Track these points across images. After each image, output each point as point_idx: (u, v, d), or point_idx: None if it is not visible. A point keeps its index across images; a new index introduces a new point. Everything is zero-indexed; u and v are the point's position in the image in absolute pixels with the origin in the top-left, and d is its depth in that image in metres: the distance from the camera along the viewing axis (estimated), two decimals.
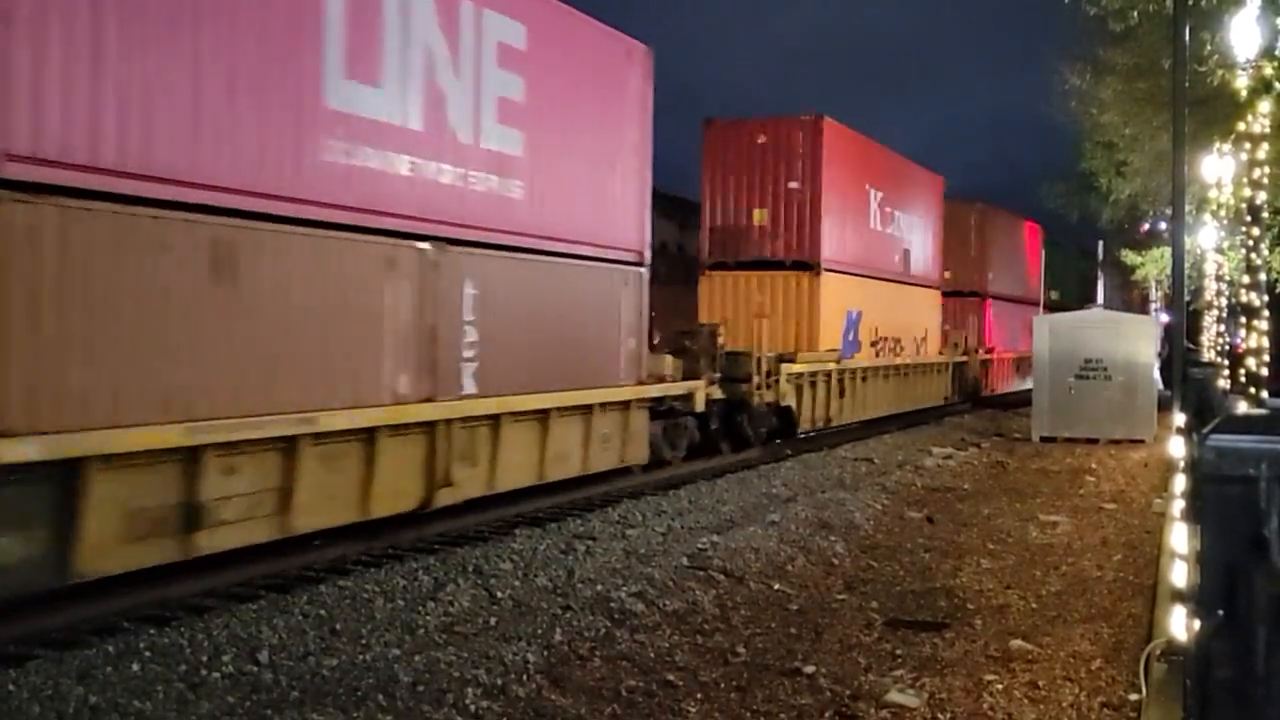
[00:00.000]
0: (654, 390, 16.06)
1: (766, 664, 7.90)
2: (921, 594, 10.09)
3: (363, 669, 7.59)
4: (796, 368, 21.01)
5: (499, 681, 7.31)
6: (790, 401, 20.94)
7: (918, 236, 29.05)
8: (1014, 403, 33.16)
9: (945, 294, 32.23)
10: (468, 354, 12.25)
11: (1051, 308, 43.54)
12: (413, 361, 11.43)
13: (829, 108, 24.86)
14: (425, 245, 11.60)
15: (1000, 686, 7.46)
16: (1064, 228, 46.29)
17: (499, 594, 9.70)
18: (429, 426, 11.72)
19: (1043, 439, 23.47)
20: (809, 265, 22.46)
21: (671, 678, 7.54)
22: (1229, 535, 3.28)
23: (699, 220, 23.64)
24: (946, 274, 32.67)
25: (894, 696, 7.19)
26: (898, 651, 8.26)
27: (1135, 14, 21.52)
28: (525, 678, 7.42)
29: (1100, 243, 59.22)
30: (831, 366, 22.77)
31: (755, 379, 19.38)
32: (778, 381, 20.18)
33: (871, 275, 25.47)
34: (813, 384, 22.18)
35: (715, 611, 9.31)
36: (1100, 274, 63.33)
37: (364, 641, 8.26)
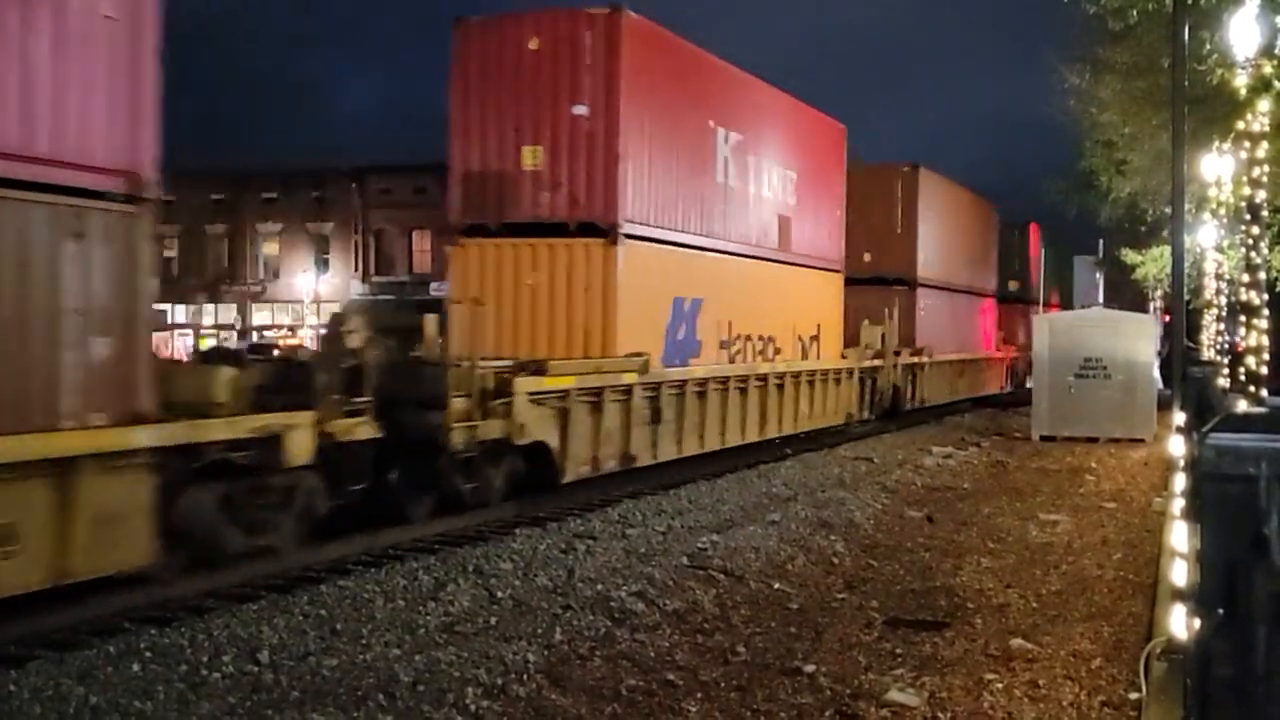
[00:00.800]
0: (144, 436, 8.78)
1: (767, 663, 7.91)
2: (921, 593, 10.10)
3: (363, 669, 7.59)
4: (549, 383, 13.76)
5: (499, 681, 7.31)
6: (545, 435, 13.81)
7: (805, 202, 21.94)
8: (1015, 405, 33.07)
9: (858, 281, 26.06)
10: None
11: (1009, 300, 39.56)
12: None
13: (829, 106, 23.81)
14: None
15: (1000, 685, 7.46)
16: (1063, 226, 46.04)
17: (499, 594, 9.70)
18: None
19: (1042, 438, 23.48)
20: (602, 230, 15.67)
21: (672, 677, 7.54)
22: (1229, 534, 3.29)
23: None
24: (866, 256, 27.19)
25: (894, 695, 7.19)
26: (898, 650, 8.25)
27: (1134, 12, 21.54)
28: (525, 677, 7.42)
29: (1100, 241, 59.22)
30: (630, 379, 15.37)
31: (461, 403, 12.33)
32: (510, 406, 13.10)
33: (719, 249, 18.55)
34: (593, 406, 14.75)
35: (715, 611, 9.31)
36: (1099, 272, 63.27)
37: (364, 641, 8.26)
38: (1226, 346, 25.57)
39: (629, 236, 15.84)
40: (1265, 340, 16.20)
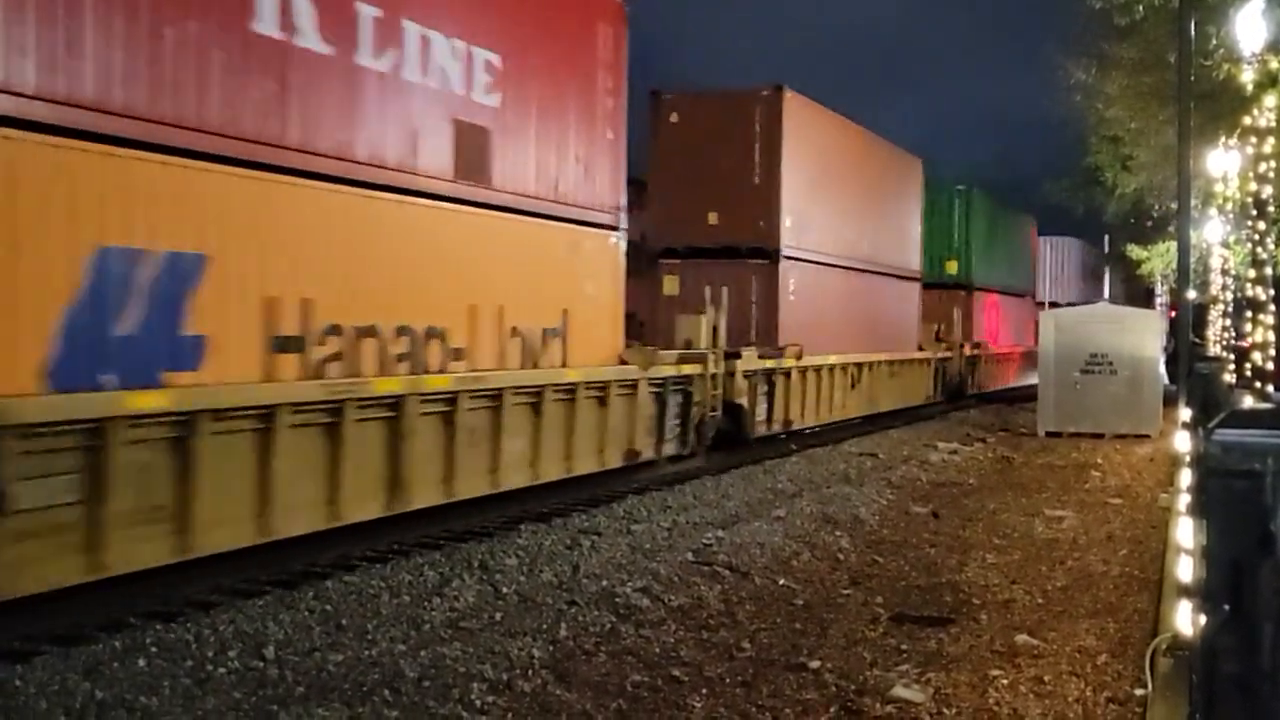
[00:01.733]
0: None
1: (772, 659, 7.91)
2: (927, 589, 10.09)
3: (368, 664, 7.60)
4: None
5: (504, 677, 7.32)
6: None
7: (521, 107, 13.12)
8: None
9: (702, 252, 19.89)
10: None
11: (945, 286, 32.00)
12: None
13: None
14: None
15: (1006, 681, 7.45)
16: (1069, 222, 45.79)
17: (504, 589, 9.70)
18: None
19: (1048, 434, 23.45)
20: None
21: (677, 673, 7.54)
22: (1235, 530, 3.28)
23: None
24: (712, 217, 19.95)
25: (899, 691, 7.19)
26: (903, 646, 8.25)
27: (1140, 7, 21.59)
28: (531, 673, 7.43)
29: (1106, 237, 59.16)
30: None
31: None
32: None
33: (268, 163, 9.75)
34: None
35: (720, 607, 9.32)
36: (1106, 267, 63.14)
37: (369, 637, 8.27)
38: (1232, 342, 25.55)
39: None
40: (1271, 336, 16.19)
